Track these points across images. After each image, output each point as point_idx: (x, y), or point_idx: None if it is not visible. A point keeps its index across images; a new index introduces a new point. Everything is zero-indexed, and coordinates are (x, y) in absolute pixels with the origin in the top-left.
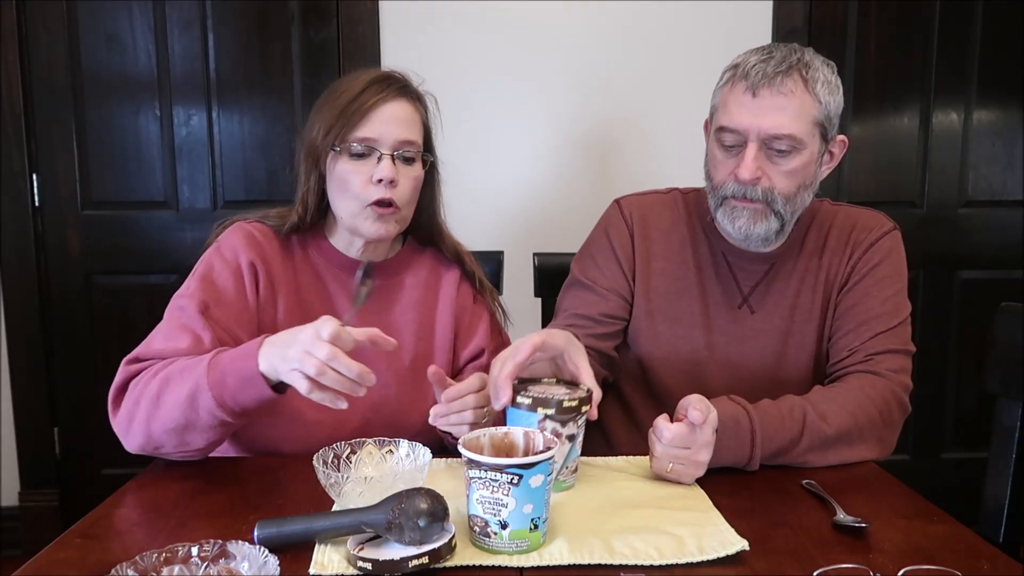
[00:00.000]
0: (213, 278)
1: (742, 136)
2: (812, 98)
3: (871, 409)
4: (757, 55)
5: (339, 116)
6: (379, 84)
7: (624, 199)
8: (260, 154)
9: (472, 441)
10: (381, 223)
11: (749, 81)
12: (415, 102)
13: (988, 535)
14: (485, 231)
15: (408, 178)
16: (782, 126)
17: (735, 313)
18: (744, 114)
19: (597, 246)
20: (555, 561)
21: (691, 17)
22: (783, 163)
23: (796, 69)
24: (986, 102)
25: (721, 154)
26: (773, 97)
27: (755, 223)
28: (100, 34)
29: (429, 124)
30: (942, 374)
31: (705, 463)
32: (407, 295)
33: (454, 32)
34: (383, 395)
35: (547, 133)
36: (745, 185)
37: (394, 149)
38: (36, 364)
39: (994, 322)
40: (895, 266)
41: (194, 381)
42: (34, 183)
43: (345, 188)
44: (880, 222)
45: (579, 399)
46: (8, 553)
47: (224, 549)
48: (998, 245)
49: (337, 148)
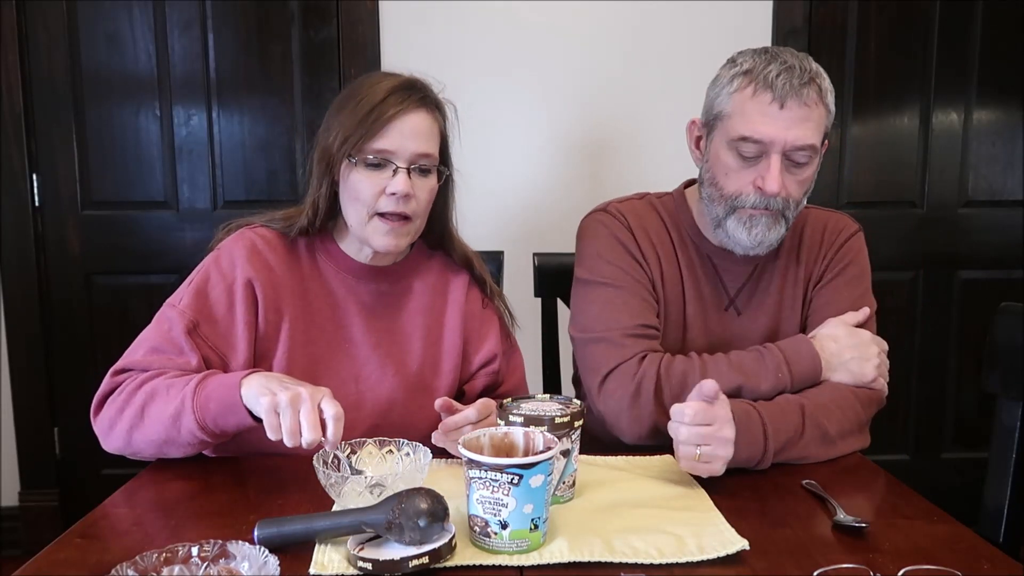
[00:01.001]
0: (207, 291)
1: (765, 147)
2: (824, 108)
3: (855, 402)
4: (774, 64)
5: (358, 125)
6: (400, 93)
7: (610, 206)
8: (260, 154)
9: (472, 441)
10: (391, 237)
11: (776, 93)
12: (434, 112)
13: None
14: (485, 231)
15: (423, 190)
16: (806, 137)
17: (722, 315)
18: (771, 125)
19: (613, 253)
20: (555, 560)
21: (691, 17)
22: (799, 173)
23: (814, 80)
24: (986, 102)
25: (737, 163)
26: (799, 108)
27: (771, 230)
28: (100, 34)
29: (447, 133)
30: (942, 374)
31: (731, 439)
32: (416, 300)
33: (454, 32)
34: (391, 400)
35: (548, 133)
36: (770, 197)
37: (410, 163)
38: (36, 364)
39: (994, 322)
40: (862, 266)
41: (180, 401)
42: (34, 183)
43: (356, 197)
44: (847, 223)
45: (571, 414)
46: (8, 553)
47: (224, 549)
48: (998, 245)
49: (354, 159)
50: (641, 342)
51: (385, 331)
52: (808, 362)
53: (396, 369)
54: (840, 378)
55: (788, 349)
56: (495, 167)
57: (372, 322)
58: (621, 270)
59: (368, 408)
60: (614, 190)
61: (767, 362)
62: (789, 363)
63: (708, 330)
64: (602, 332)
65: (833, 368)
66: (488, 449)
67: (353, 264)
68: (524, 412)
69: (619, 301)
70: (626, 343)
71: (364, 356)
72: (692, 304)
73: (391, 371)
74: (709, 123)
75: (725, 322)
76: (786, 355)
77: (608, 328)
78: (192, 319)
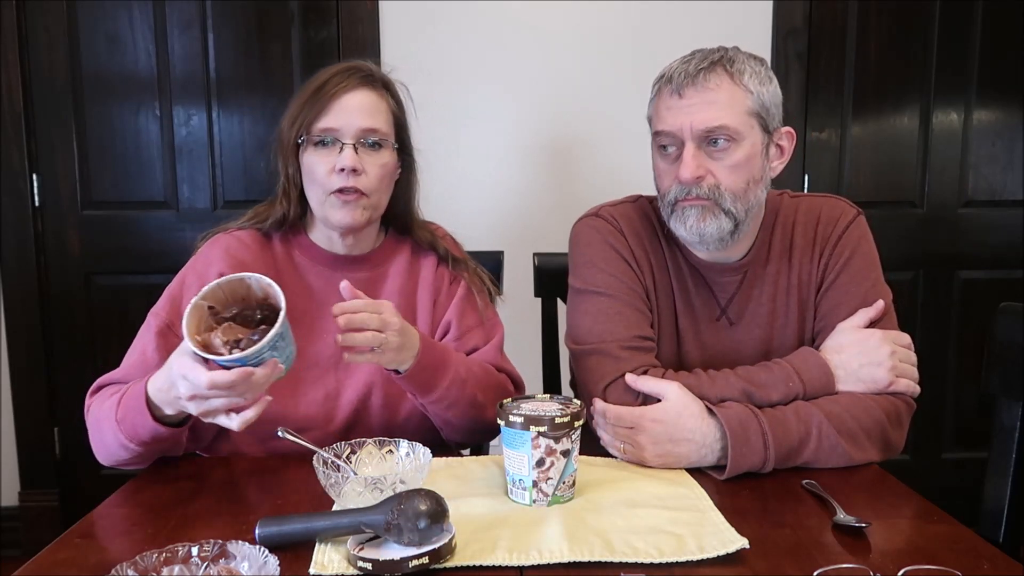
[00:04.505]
0: (182, 293)
1: (678, 138)
2: (741, 89)
3: (876, 410)
4: (680, 60)
5: (303, 107)
6: (341, 74)
7: (603, 210)
8: (260, 154)
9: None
10: (347, 210)
11: (673, 84)
12: (381, 90)
13: (988, 535)
14: (485, 231)
15: (375, 166)
16: (714, 119)
17: (715, 325)
18: (674, 115)
19: (606, 260)
20: (555, 560)
21: (692, 17)
22: (724, 157)
23: (719, 64)
24: (986, 102)
25: (663, 163)
26: (700, 93)
27: (704, 221)
28: (100, 34)
29: (399, 113)
30: (942, 374)
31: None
32: (390, 284)
33: (455, 32)
34: (369, 383)
35: (549, 133)
36: (689, 185)
37: (357, 138)
38: (36, 364)
39: (994, 322)
40: (867, 256)
41: (112, 416)
42: (34, 183)
43: (312, 178)
44: (842, 210)
45: (571, 414)
46: (8, 553)
47: (224, 549)
48: (998, 245)
49: (302, 139)
50: (638, 355)
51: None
52: (817, 370)
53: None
54: (854, 389)
55: (795, 359)
56: (496, 167)
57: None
58: (615, 278)
59: (348, 394)
60: (615, 190)
61: (776, 373)
62: (799, 372)
63: (702, 342)
64: (597, 344)
65: (844, 380)
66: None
67: (327, 255)
68: (524, 412)
69: (613, 311)
70: (623, 355)
71: (335, 348)
72: (684, 314)
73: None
74: (651, 137)
75: (719, 332)
76: (794, 365)
77: (603, 340)
78: (166, 321)
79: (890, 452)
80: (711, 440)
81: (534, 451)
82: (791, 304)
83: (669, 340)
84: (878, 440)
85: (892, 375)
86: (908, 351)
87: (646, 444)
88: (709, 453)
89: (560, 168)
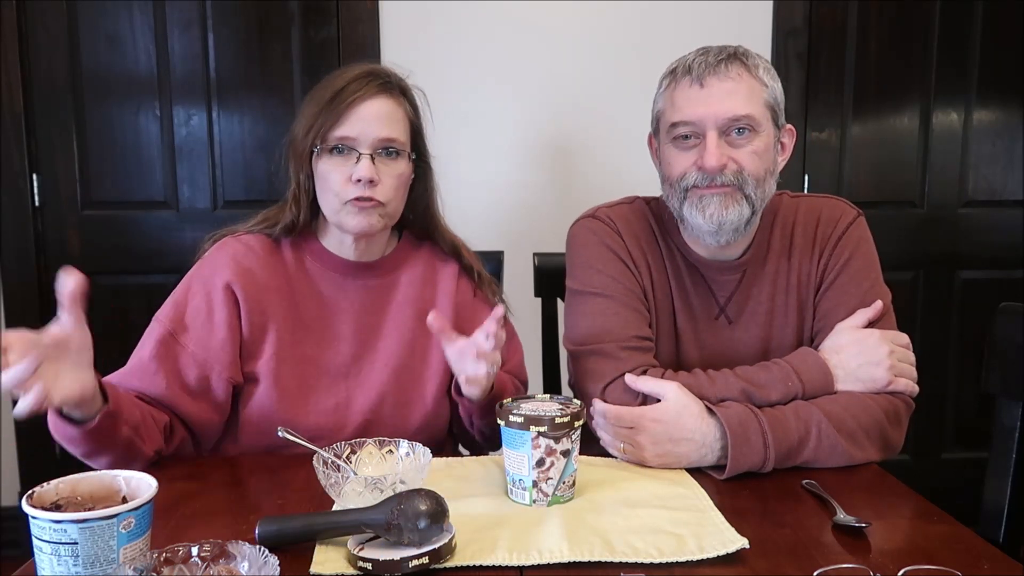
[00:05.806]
0: (187, 301)
1: (698, 127)
2: (757, 81)
3: (875, 409)
4: (694, 52)
5: (319, 114)
6: (359, 81)
7: (599, 211)
8: (260, 154)
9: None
10: (363, 216)
11: (694, 74)
12: (398, 98)
13: (988, 535)
14: (485, 231)
15: (390, 175)
16: (736, 108)
17: (713, 324)
18: (696, 105)
19: (603, 261)
20: (555, 560)
21: (692, 17)
22: (747, 145)
23: (736, 57)
24: (986, 102)
25: (678, 150)
26: (721, 83)
27: (727, 209)
28: (100, 34)
29: (416, 119)
30: (942, 374)
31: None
32: (402, 292)
33: (455, 32)
34: (381, 394)
35: (549, 133)
36: (713, 173)
37: (374, 148)
38: None
39: (994, 322)
40: (866, 256)
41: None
42: (34, 183)
43: (327, 186)
44: (842, 211)
45: (571, 414)
46: (8, 553)
47: (224, 549)
48: (998, 245)
49: (317, 147)
50: (637, 355)
51: (374, 326)
52: (816, 370)
53: (385, 362)
54: (853, 389)
55: (794, 359)
56: (496, 167)
57: (361, 317)
58: (612, 279)
59: (359, 404)
60: (616, 190)
61: (775, 373)
62: (798, 372)
63: (701, 341)
64: (596, 344)
65: (842, 380)
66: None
67: (339, 261)
68: (524, 412)
69: (611, 312)
70: (622, 356)
71: (353, 352)
72: (682, 314)
73: (380, 365)
74: (656, 130)
75: (718, 331)
76: (793, 365)
77: (602, 340)
78: (169, 329)
79: (889, 451)
80: (711, 440)
81: (534, 451)
82: (790, 303)
83: (667, 340)
84: (877, 439)
85: (890, 374)
86: (906, 351)
87: (646, 444)
88: (709, 453)
89: (560, 168)
